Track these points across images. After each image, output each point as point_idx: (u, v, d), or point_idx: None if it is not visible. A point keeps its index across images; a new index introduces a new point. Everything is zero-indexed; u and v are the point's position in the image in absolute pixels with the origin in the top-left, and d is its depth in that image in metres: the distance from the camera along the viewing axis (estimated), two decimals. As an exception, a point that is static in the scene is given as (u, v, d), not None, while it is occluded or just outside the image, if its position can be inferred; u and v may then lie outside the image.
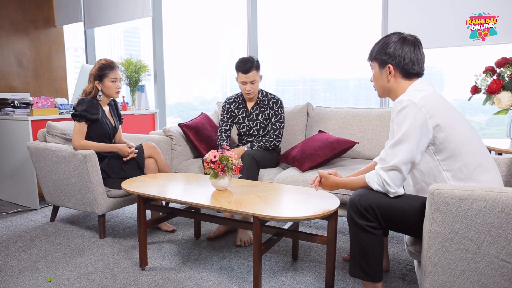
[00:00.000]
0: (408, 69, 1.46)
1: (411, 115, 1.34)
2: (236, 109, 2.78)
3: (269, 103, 2.71)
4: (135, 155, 2.40)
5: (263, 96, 2.73)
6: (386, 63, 1.48)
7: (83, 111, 2.32)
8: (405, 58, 1.46)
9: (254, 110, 2.73)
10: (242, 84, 2.61)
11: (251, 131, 2.75)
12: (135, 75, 3.79)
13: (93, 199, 2.34)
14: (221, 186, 1.84)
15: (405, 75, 1.48)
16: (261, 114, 2.72)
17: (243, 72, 2.56)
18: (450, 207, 1.20)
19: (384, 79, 1.51)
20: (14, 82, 4.52)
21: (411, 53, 1.46)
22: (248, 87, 2.60)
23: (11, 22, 4.47)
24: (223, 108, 2.82)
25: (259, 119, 2.73)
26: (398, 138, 1.35)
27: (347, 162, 2.65)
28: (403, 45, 1.46)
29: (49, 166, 2.50)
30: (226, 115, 2.80)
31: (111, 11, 4.39)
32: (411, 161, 1.36)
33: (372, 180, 1.42)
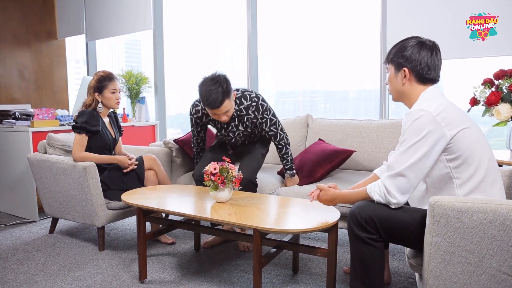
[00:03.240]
0: (423, 74, 1.45)
1: (426, 124, 1.32)
2: (211, 121, 2.39)
3: (248, 112, 2.29)
4: (135, 167, 2.40)
5: (238, 105, 2.27)
6: (402, 66, 1.47)
7: (83, 123, 2.32)
8: (421, 62, 1.44)
9: (232, 121, 2.33)
10: (212, 115, 2.16)
11: (234, 141, 2.44)
12: (135, 87, 3.82)
13: (92, 211, 2.33)
14: (221, 199, 1.84)
15: (420, 79, 1.46)
16: (241, 123, 2.33)
17: (211, 108, 2.07)
18: (451, 220, 1.20)
19: (398, 82, 1.49)
20: (16, 94, 4.54)
21: (428, 58, 1.44)
22: (223, 118, 2.14)
23: (14, 35, 4.52)
24: (192, 123, 2.43)
25: (239, 129, 2.35)
26: (410, 145, 1.34)
27: (346, 174, 2.65)
28: (420, 49, 1.45)
29: (49, 178, 2.50)
30: (196, 128, 2.44)
31: (112, 24, 4.44)
32: (421, 170, 1.34)
33: (374, 191, 1.41)
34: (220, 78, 2.05)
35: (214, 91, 2.00)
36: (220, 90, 2.02)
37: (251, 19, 3.70)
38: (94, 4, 4.58)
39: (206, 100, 2.03)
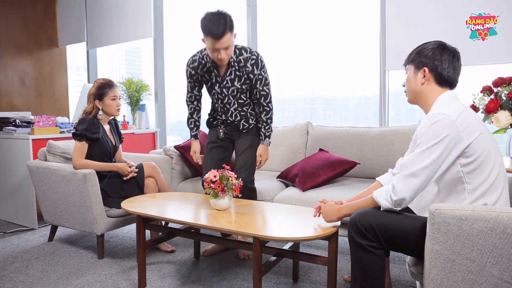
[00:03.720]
0: (443, 75, 1.44)
1: (444, 128, 1.31)
2: (206, 73, 2.27)
3: (246, 65, 2.18)
4: (135, 175, 2.40)
5: (237, 55, 2.18)
6: (422, 66, 1.46)
7: (83, 130, 2.33)
8: (442, 63, 1.44)
9: (228, 75, 2.22)
10: (211, 51, 2.05)
11: (226, 100, 2.28)
12: (136, 95, 3.83)
13: (92, 219, 2.32)
14: (221, 206, 1.84)
15: (439, 81, 1.45)
16: (237, 78, 2.21)
17: (213, 37, 1.97)
18: (451, 227, 1.19)
19: (417, 81, 1.48)
20: (16, 101, 4.56)
21: (449, 60, 1.44)
22: (221, 55, 2.05)
23: (15, 43, 4.55)
24: (186, 75, 2.34)
25: (235, 84, 2.23)
26: (427, 147, 1.33)
27: (347, 181, 2.65)
28: (442, 51, 1.45)
29: (48, 185, 2.49)
30: (190, 83, 2.35)
31: (113, 32, 4.47)
32: (434, 172, 1.34)
33: (380, 195, 1.40)
34: (224, 12, 2.02)
35: (217, 21, 1.95)
36: (223, 21, 1.97)
37: (251, 27, 3.72)
38: (96, 12, 4.62)
39: (209, 29, 1.96)
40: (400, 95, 3.58)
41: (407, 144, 2.59)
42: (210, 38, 1.98)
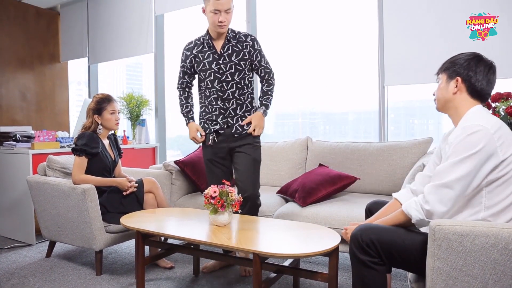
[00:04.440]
0: (476, 87, 1.40)
1: (482, 140, 1.28)
2: (200, 53, 2.25)
3: (246, 40, 2.24)
4: (135, 190, 2.39)
5: (234, 33, 2.26)
6: (456, 75, 1.43)
7: (83, 145, 2.33)
8: (476, 74, 1.40)
9: (226, 51, 2.22)
10: (213, 14, 2.10)
11: (224, 78, 2.22)
12: (136, 110, 3.85)
13: (91, 235, 2.30)
14: (221, 222, 1.83)
15: (471, 92, 1.42)
16: (234, 53, 2.21)
17: None
18: (452, 244, 1.19)
19: (449, 91, 1.45)
20: (17, 116, 4.58)
21: (484, 72, 1.40)
22: (222, 17, 2.10)
23: (17, 58, 4.60)
24: (181, 59, 2.34)
25: (232, 59, 2.21)
26: (462, 158, 1.29)
27: (347, 196, 2.64)
28: (478, 62, 1.41)
29: (48, 201, 2.48)
30: (183, 68, 2.33)
31: (115, 47, 4.52)
32: (468, 185, 1.30)
33: (410, 207, 1.37)
34: None
35: None
36: None
37: (250, 43, 3.77)
38: (97, 28, 4.69)
39: None
40: (399, 109, 3.61)
41: (407, 159, 2.60)
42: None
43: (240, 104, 2.28)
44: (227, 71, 2.21)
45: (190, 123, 2.36)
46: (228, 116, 2.26)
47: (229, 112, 2.26)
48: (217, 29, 2.16)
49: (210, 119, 2.30)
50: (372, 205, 1.75)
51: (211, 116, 2.30)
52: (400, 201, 1.58)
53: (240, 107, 2.28)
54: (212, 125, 2.29)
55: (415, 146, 2.61)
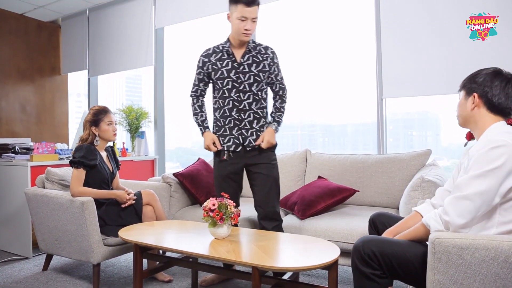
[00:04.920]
0: (494, 102, 1.40)
1: (504, 155, 1.27)
2: (219, 61, 2.19)
3: (267, 52, 2.22)
4: (134, 202, 2.39)
5: (254, 43, 2.23)
6: (472, 92, 1.44)
7: (80, 157, 2.33)
8: (492, 89, 1.40)
9: (246, 60, 2.18)
10: (240, 21, 2.07)
11: (241, 88, 2.16)
12: (136, 122, 3.86)
13: (88, 248, 2.28)
14: (220, 235, 1.81)
15: (490, 108, 1.41)
16: (254, 64, 2.18)
17: (246, 4, 2.04)
18: (452, 257, 1.18)
19: (467, 107, 1.45)
20: (17, 128, 4.59)
21: (501, 87, 1.39)
22: (248, 25, 2.07)
23: (18, 70, 4.63)
24: (198, 65, 2.26)
25: (252, 70, 2.17)
26: (483, 171, 1.27)
27: (347, 209, 2.63)
28: (494, 77, 1.41)
29: (45, 213, 2.47)
30: (199, 75, 2.26)
31: (115, 60, 4.56)
32: (489, 199, 1.27)
33: (430, 218, 1.36)
34: None
35: None
36: None
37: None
38: (98, 41, 4.73)
39: None
40: (398, 121, 3.62)
41: (406, 171, 2.60)
42: (241, 5, 2.05)
43: (257, 118, 2.22)
44: (245, 81, 2.16)
45: (206, 132, 2.27)
46: (243, 128, 2.19)
47: (245, 124, 2.20)
48: (241, 37, 2.12)
49: (224, 134, 2.22)
50: (376, 217, 1.74)
51: (224, 130, 2.22)
52: (421, 213, 1.57)
53: (257, 121, 2.22)
54: (226, 142, 2.21)
55: (414, 158, 2.62)
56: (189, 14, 4.01)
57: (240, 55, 2.18)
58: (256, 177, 2.22)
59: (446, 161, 3.43)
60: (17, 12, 4.61)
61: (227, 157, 2.20)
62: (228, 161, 2.21)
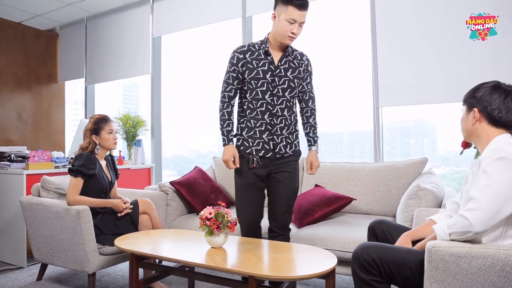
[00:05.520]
0: (494, 116, 1.41)
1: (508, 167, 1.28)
2: (255, 60, 2.05)
3: (302, 58, 2.13)
4: (130, 211, 2.37)
5: (291, 48, 2.12)
6: (473, 107, 1.46)
7: (80, 166, 2.32)
8: (491, 103, 1.41)
9: (283, 64, 2.07)
10: (288, 23, 1.94)
11: (275, 91, 2.04)
12: (132, 130, 3.86)
13: (84, 257, 2.26)
14: (217, 244, 1.80)
15: (491, 121, 1.43)
16: (291, 69, 2.08)
17: (297, 6, 1.92)
18: (449, 265, 1.18)
19: (469, 122, 1.47)
20: (13, 136, 4.57)
21: (500, 100, 1.41)
22: (295, 29, 1.96)
23: (15, 78, 4.63)
24: (230, 62, 2.09)
25: (288, 75, 2.07)
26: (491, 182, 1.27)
27: (344, 217, 2.63)
28: (493, 91, 1.43)
29: (40, 222, 2.45)
30: (233, 72, 2.07)
31: (112, 68, 4.57)
32: (498, 208, 1.25)
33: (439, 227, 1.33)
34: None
35: None
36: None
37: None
38: (95, 49, 4.75)
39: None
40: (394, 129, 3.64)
41: (402, 180, 2.61)
42: (292, 7, 1.92)
43: (288, 124, 2.10)
44: (279, 85, 2.05)
45: (229, 145, 2.08)
46: (274, 133, 2.07)
47: (276, 129, 2.07)
48: (285, 40, 1.99)
49: (253, 136, 2.07)
50: (375, 224, 1.75)
51: (254, 132, 2.07)
52: (435, 220, 1.58)
53: (287, 128, 2.10)
54: (254, 145, 2.07)
55: (410, 167, 2.63)
56: (186, 23, 4.04)
57: (278, 57, 2.07)
58: (278, 186, 2.10)
59: (443, 169, 3.44)
60: (15, 20, 4.62)
61: (256, 164, 2.05)
62: (256, 167, 2.06)
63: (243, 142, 2.09)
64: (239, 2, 3.70)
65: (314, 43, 3.78)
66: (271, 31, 2.06)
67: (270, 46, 2.06)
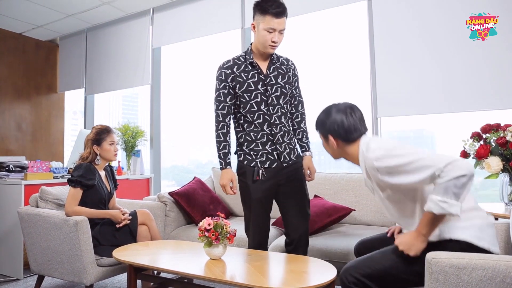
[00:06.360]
0: (341, 134, 1.54)
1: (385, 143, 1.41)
2: (243, 73, 2.01)
3: (288, 63, 2.12)
4: (129, 222, 2.36)
5: (276, 55, 2.11)
6: (327, 135, 1.58)
7: (79, 176, 2.32)
8: (335, 124, 1.54)
9: (272, 72, 2.05)
10: (267, 33, 1.92)
11: (270, 101, 2.01)
12: (131, 140, 3.86)
13: (81, 268, 2.24)
14: (215, 255, 1.79)
15: (346, 139, 1.55)
16: (280, 76, 2.06)
17: (275, 15, 1.89)
18: (450, 277, 1.17)
19: (332, 147, 1.59)
20: (11, 146, 4.56)
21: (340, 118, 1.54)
22: (276, 37, 1.93)
23: (15, 88, 4.65)
24: (219, 79, 2.04)
25: (278, 82, 2.04)
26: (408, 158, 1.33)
27: (343, 228, 2.62)
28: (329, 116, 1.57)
29: (38, 233, 2.43)
30: (223, 89, 2.02)
31: (112, 79, 4.59)
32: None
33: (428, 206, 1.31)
34: None
35: (277, 2, 1.92)
36: (282, 3, 1.94)
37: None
38: (95, 60, 4.78)
39: (270, 7, 1.89)
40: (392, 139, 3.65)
41: (402, 190, 2.60)
42: (269, 16, 1.90)
43: (287, 131, 2.07)
44: (272, 93, 2.02)
45: (226, 169, 2.02)
46: (276, 143, 2.02)
47: (278, 138, 2.03)
48: (267, 49, 1.97)
49: (256, 149, 2.02)
50: (359, 246, 1.77)
51: (256, 144, 2.02)
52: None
53: (287, 135, 2.07)
54: (258, 157, 2.01)
55: (409, 177, 2.62)
56: (186, 34, 4.07)
57: (265, 67, 2.04)
58: (291, 197, 2.05)
59: (442, 179, 3.43)
60: (16, 31, 4.66)
61: (262, 176, 1.99)
62: (261, 180, 1.99)
63: (245, 156, 2.04)
64: (238, 13, 3.74)
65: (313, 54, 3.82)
66: (253, 42, 2.05)
67: (254, 56, 2.03)
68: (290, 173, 2.05)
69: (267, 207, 2.06)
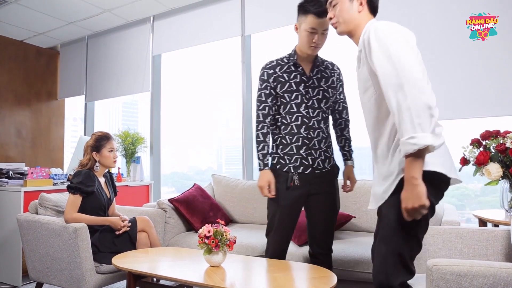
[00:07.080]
0: (374, 2, 1.45)
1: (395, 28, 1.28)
2: (286, 73, 1.97)
3: (333, 68, 2.06)
4: (128, 229, 2.35)
5: (320, 58, 2.05)
6: None
7: (78, 183, 2.32)
8: None
9: (315, 74, 1.99)
10: (309, 33, 1.86)
11: (310, 103, 1.95)
12: (131, 147, 3.86)
13: (80, 276, 2.23)
14: (215, 262, 1.79)
15: (372, 9, 1.46)
16: (324, 79, 2.00)
17: (317, 14, 1.82)
18: (451, 284, 1.17)
19: (354, 11, 1.44)
20: (11, 152, 4.56)
21: None
22: (317, 38, 1.86)
23: (15, 95, 4.66)
24: (261, 79, 2.00)
25: (321, 85, 1.99)
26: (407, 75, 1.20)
27: (343, 235, 2.61)
28: None
29: (37, 240, 2.42)
30: (265, 89, 1.97)
31: (112, 86, 4.61)
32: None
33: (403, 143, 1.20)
34: None
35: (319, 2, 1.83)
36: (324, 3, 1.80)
37: (245, 82, 3.86)
38: (96, 67, 4.80)
39: (312, 7, 1.83)
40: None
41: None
42: (311, 16, 1.83)
43: (325, 137, 1.99)
44: (313, 96, 1.96)
45: (264, 170, 1.95)
46: (312, 147, 1.94)
47: (314, 143, 1.95)
48: (309, 50, 1.91)
49: (290, 153, 1.95)
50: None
51: (291, 148, 1.95)
52: None
53: (325, 141, 1.99)
54: (292, 162, 1.94)
55: (409, 184, 2.62)
56: (186, 42, 4.10)
57: (308, 68, 1.99)
58: (322, 211, 1.98)
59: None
60: (17, 38, 4.69)
61: (295, 182, 1.91)
62: (294, 186, 1.92)
63: (279, 160, 1.97)
64: (238, 21, 3.77)
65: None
66: (297, 44, 1.99)
67: (298, 58, 1.98)
68: (324, 184, 1.96)
69: (294, 216, 1.98)
